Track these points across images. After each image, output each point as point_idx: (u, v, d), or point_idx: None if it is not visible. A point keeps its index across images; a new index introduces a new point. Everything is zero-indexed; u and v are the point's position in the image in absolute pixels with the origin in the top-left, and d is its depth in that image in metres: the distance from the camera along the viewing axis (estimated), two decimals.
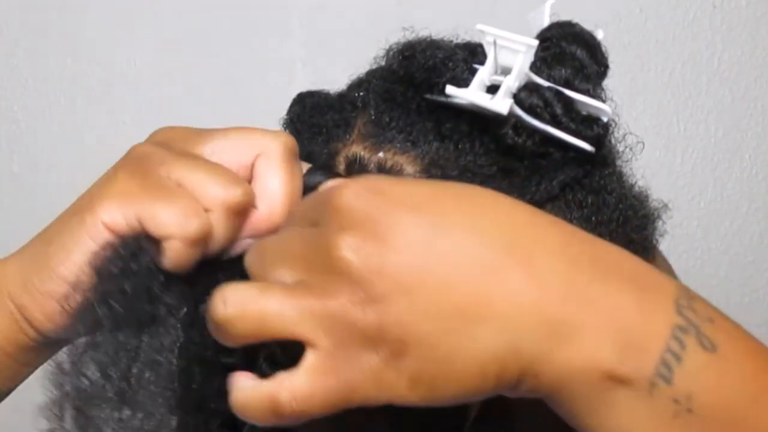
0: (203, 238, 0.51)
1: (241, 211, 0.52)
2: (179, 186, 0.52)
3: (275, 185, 0.53)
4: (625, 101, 0.62)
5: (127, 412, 0.52)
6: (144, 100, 1.33)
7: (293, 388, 0.45)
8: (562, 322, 0.44)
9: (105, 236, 0.51)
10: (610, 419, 0.45)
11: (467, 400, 0.45)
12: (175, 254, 0.51)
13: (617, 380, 0.44)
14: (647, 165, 0.64)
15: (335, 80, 0.69)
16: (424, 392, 0.44)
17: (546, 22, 0.61)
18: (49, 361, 0.55)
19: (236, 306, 0.46)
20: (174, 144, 0.54)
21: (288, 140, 0.54)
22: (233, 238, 0.53)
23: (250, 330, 0.46)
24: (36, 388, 0.53)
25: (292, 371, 0.45)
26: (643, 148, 0.64)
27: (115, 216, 0.51)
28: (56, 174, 1.31)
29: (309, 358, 0.45)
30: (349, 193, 0.46)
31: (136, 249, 0.51)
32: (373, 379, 0.44)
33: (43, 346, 0.55)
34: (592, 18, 0.63)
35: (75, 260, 0.52)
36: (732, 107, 1.36)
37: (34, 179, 1.31)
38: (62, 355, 0.54)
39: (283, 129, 0.67)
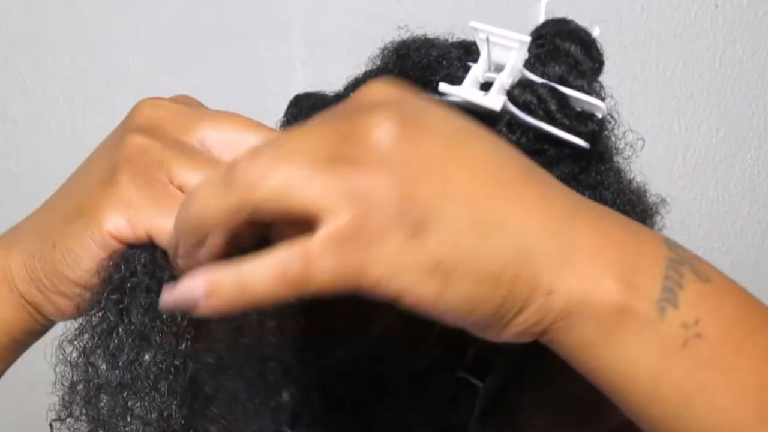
0: None
1: None
2: (182, 190, 0.52)
3: None
4: (626, 100, 0.62)
5: (133, 401, 0.52)
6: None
7: (306, 252, 0.43)
8: (571, 244, 0.45)
9: (113, 246, 0.52)
10: (618, 352, 0.45)
11: (474, 313, 0.45)
12: (186, 266, 0.50)
13: (626, 308, 0.45)
14: (648, 165, 0.64)
15: (334, 80, 0.69)
16: (439, 283, 0.44)
17: (541, 20, 0.61)
18: (57, 355, 0.55)
19: (263, 166, 0.44)
20: (165, 130, 0.54)
21: None
22: None
23: (269, 195, 0.43)
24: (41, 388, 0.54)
25: (306, 237, 0.43)
26: (644, 145, 0.64)
27: (123, 229, 0.51)
28: (55, 174, 1.31)
29: (327, 227, 0.43)
30: (382, 81, 0.47)
31: (147, 261, 0.52)
32: (390, 258, 0.43)
33: (52, 324, 0.57)
34: (593, 17, 0.63)
35: (84, 267, 0.52)
36: (734, 107, 1.36)
37: (32, 179, 1.31)
38: (70, 347, 0.54)
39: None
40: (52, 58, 1.33)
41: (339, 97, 0.66)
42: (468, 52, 0.61)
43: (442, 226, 0.44)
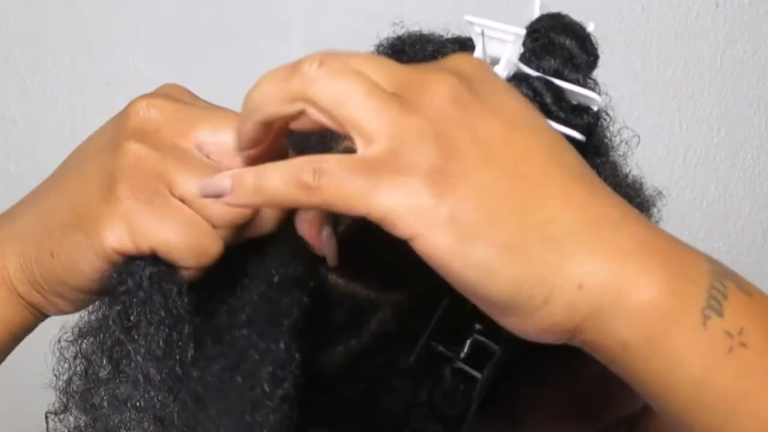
0: (217, 259, 0.52)
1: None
2: (184, 201, 0.52)
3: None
4: (626, 100, 0.62)
5: (122, 389, 0.52)
6: None
7: (322, 165, 0.45)
8: (611, 244, 0.45)
9: (115, 259, 0.51)
10: (659, 355, 0.45)
11: (492, 284, 0.45)
12: (191, 277, 0.52)
13: (668, 312, 0.44)
14: (649, 164, 0.65)
15: None
16: (455, 236, 0.44)
17: (536, 14, 0.61)
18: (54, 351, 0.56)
19: (334, 67, 0.46)
20: (161, 134, 0.54)
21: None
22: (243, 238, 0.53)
23: (324, 97, 0.45)
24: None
25: (340, 154, 0.46)
26: (639, 142, 0.65)
27: (126, 244, 0.51)
28: None
29: (363, 151, 0.45)
30: (467, 55, 0.50)
31: (153, 274, 0.52)
32: (405, 194, 0.44)
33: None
34: (593, 17, 0.63)
35: (85, 277, 0.52)
36: (734, 106, 1.37)
37: (31, 179, 1.30)
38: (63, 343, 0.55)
39: None
40: (51, 57, 1.33)
41: None
42: (463, 47, 0.61)
43: (471, 185, 0.45)
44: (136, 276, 0.51)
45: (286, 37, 1.34)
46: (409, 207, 0.44)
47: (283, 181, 0.46)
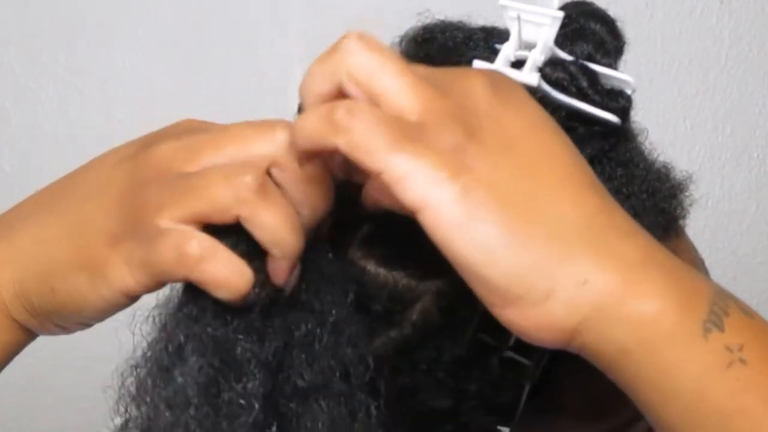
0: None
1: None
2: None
3: (309, 200, 0.51)
4: None
5: None
6: (139, 98, 1.34)
7: (368, 107, 0.47)
8: (616, 251, 0.46)
9: (123, 300, 0.52)
10: (657, 363, 0.46)
11: (493, 268, 0.46)
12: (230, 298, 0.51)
13: (669, 320, 0.45)
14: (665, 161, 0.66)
15: None
16: (463, 212, 0.45)
17: (556, 2, 0.62)
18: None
19: (371, 43, 0.48)
20: (170, 169, 0.51)
21: (289, 134, 0.51)
22: None
23: (365, 68, 0.47)
24: None
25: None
26: (647, 136, 0.66)
27: (132, 286, 0.51)
28: (49, 173, 1.31)
29: (384, 109, 0.47)
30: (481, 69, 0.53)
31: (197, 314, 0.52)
32: (420, 162, 0.45)
33: None
34: None
35: (90, 316, 0.53)
36: (740, 105, 1.38)
37: (26, 179, 1.31)
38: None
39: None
40: (47, 55, 1.33)
41: None
42: (491, 34, 0.62)
43: (488, 167, 0.46)
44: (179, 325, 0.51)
45: (285, 35, 1.34)
46: (424, 175, 0.45)
47: (317, 115, 0.47)
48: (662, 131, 1.37)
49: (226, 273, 0.49)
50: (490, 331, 0.54)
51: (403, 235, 0.51)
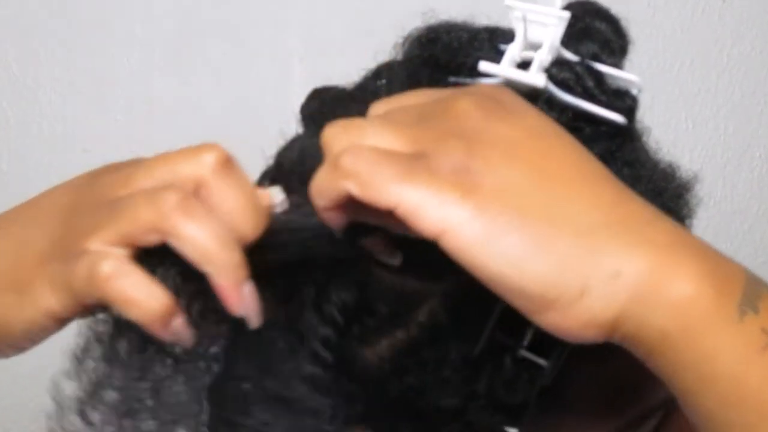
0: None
1: None
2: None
3: (239, 218, 0.52)
4: None
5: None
6: (136, 96, 1.34)
7: (368, 148, 0.48)
8: (645, 238, 0.46)
9: (56, 321, 0.52)
10: (696, 348, 0.46)
11: (524, 278, 0.46)
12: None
13: (705, 304, 0.45)
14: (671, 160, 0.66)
15: (332, 76, 0.70)
16: (484, 228, 0.46)
17: (559, 1, 0.62)
18: None
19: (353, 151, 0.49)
20: (105, 196, 0.52)
21: (217, 155, 0.52)
22: None
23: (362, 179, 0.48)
24: None
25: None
26: (649, 136, 0.66)
27: (55, 307, 0.51)
28: (47, 172, 1.32)
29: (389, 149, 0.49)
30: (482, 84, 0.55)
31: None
32: (434, 189, 0.46)
33: None
34: None
35: (19, 337, 0.53)
36: (742, 104, 1.38)
37: (23, 178, 1.31)
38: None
39: (301, 126, 0.69)
40: (44, 54, 1.33)
41: (360, 88, 0.67)
42: (495, 34, 0.62)
43: (496, 181, 0.47)
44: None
45: (284, 34, 1.34)
46: (436, 201, 0.46)
47: (325, 169, 0.49)
48: (664, 131, 1.36)
49: (136, 293, 0.49)
50: (506, 330, 0.54)
51: (409, 237, 0.52)
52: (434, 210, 0.46)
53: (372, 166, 0.47)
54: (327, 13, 1.34)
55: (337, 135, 0.51)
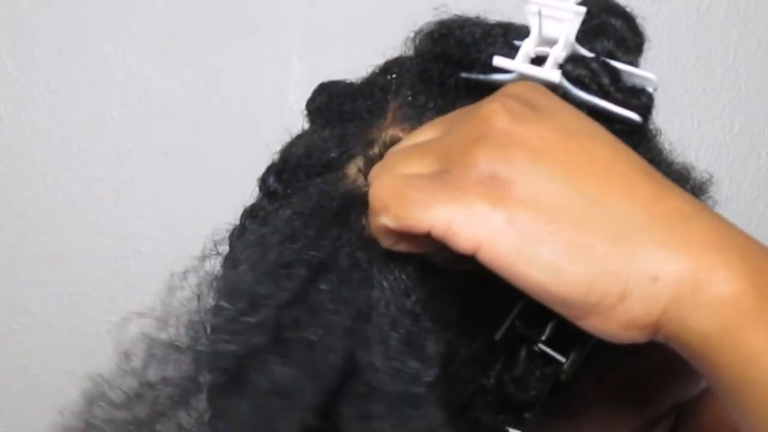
0: None
1: None
2: None
3: None
4: None
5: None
6: (133, 94, 1.33)
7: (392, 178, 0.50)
8: (684, 237, 0.46)
9: None
10: (738, 349, 0.45)
11: (561, 285, 0.46)
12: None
13: (746, 304, 0.45)
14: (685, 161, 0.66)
15: (332, 74, 0.70)
16: (518, 238, 0.46)
17: None
18: None
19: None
20: None
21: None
22: None
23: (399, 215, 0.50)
24: None
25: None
26: (661, 135, 0.66)
27: None
28: (42, 171, 1.31)
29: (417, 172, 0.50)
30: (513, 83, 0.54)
31: None
32: (465, 204, 0.47)
33: None
34: None
35: None
36: (748, 102, 1.38)
37: (17, 176, 1.31)
38: None
39: (308, 121, 0.69)
40: (39, 52, 1.33)
41: (368, 83, 0.66)
42: (509, 30, 0.62)
43: (524, 186, 0.47)
44: None
45: (283, 31, 1.34)
46: (467, 217, 0.47)
47: (370, 212, 0.51)
48: (669, 129, 1.36)
49: None
50: (525, 321, 0.53)
51: None
52: (465, 227, 0.46)
53: (397, 194, 0.48)
54: (326, 12, 1.34)
55: (373, 174, 0.52)
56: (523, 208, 0.46)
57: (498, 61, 0.57)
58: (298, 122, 0.69)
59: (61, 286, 1.34)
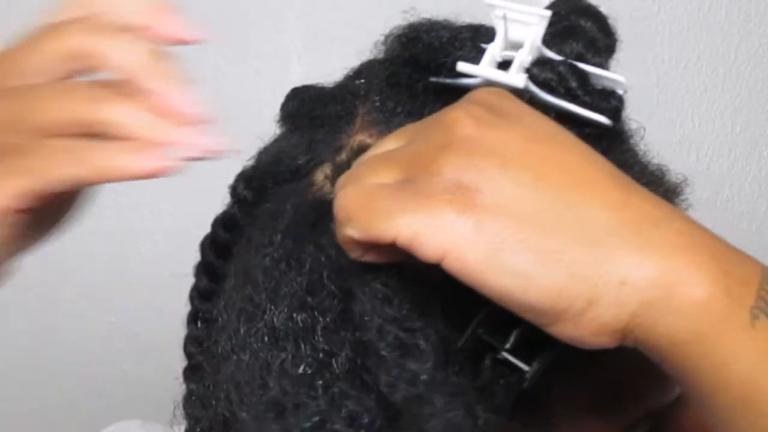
0: None
1: None
2: None
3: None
4: (637, 96, 0.62)
5: None
6: None
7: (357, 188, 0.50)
8: (654, 241, 0.46)
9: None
10: (709, 354, 0.45)
11: (530, 292, 0.46)
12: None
13: (717, 308, 0.45)
14: (660, 162, 0.65)
15: (332, 73, 0.70)
16: (486, 246, 0.46)
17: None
18: None
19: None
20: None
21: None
22: None
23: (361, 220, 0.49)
24: None
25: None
26: (645, 133, 0.65)
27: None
28: None
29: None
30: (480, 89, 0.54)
31: None
32: (430, 213, 0.47)
33: None
34: (602, 7, 0.64)
35: None
36: (750, 102, 1.37)
37: None
38: None
39: (280, 126, 0.68)
40: None
41: (340, 87, 0.66)
42: (477, 33, 0.62)
43: (491, 193, 0.46)
44: None
45: (283, 31, 1.34)
46: (433, 226, 0.46)
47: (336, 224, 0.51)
48: (670, 129, 1.36)
49: None
50: (489, 329, 0.53)
51: None
52: (431, 236, 0.46)
53: (362, 205, 0.48)
54: (326, 12, 1.34)
55: (339, 185, 0.51)
56: (491, 216, 0.46)
57: (462, 66, 0.57)
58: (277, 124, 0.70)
59: (61, 286, 1.35)
